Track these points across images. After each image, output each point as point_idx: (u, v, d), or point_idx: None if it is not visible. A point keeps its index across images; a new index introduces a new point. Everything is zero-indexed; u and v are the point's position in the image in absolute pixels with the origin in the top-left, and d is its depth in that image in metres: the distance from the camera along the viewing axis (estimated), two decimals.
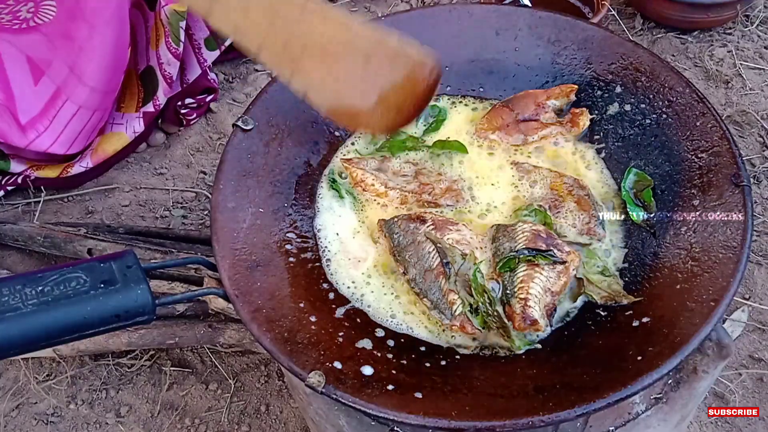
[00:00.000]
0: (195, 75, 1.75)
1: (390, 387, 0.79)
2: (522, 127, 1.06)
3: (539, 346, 0.87)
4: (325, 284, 0.94)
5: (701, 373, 0.88)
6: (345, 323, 0.89)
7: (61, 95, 1.54)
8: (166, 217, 1.66)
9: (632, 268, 0.93)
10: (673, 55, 1.89)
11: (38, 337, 0.72)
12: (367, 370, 0.81)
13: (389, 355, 0.85)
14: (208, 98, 1.82)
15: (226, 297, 0.86)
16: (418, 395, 0.78)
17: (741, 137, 1.71)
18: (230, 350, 1.43)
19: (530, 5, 1.50)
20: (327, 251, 0.97)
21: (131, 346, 1.36)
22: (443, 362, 0.85)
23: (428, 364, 0.84)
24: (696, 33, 1.93)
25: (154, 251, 1.36)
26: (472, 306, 0.88)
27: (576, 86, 1.08)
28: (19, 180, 1.65)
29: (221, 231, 0.92)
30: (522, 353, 0.86)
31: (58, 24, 1.45)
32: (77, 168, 1.66)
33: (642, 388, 0.75)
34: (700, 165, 0.95)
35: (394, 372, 0.82)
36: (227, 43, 1.76)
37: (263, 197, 0.98)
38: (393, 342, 0.88)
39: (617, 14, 1.97)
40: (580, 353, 0.84)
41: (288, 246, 0.96)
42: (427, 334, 0.90)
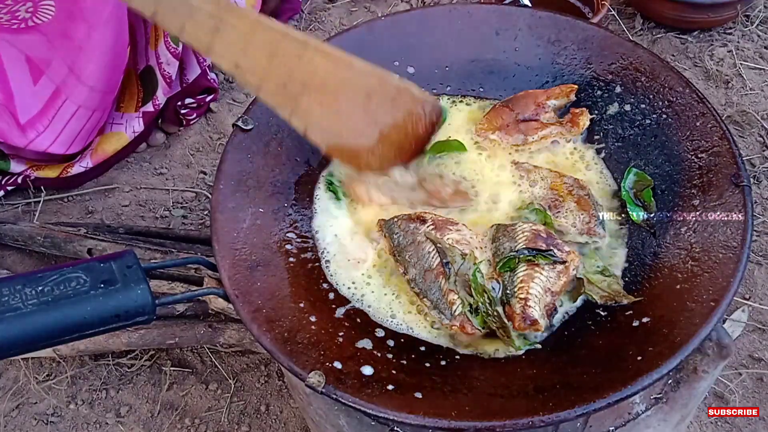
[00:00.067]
0: (194, 75, 1.75)
1: (390, 387, 0.79)
2: (522, 127, 1.06)
3: (539, 346, 0.87)
4: (325, 284, 0.94)
5: (701, 373, 0.88)
6: (345, 323, 0.89)
7: (61, 95, 1.54)
8: (166, 217, 1.66)
9: (632, 268, 0.93)
10: (673, 55, 1.89)
11: (38, 337, 0.72)
12: (367, 370, 0.81)
13: (389, 355, 0.85)
14: (208, 98, 1.82)
15: (226, 297, 0.86)
16: (418, 395, 0.78)
17: (741, 137, 1.71)
18: (230, 350, 1.43)
19: (530, 5, 1.50)
20: (326, 252, 0.97)
21: (131, 346, 1.36)
22: (443, 362, 0.85)
23: (428, 364, 0.84)
24: (696, 33, 1.93)
25: (154, 251, 1.36)
26: (472, 306, 0.88)
27: (576, 86, 1.08)
28: (19, 180, 1.65)
29: (221, 231, 0.91)
30: (522, 353, 0.86)
31: (57, 24, 1.45)
32: (77, 168, 1.66)
33: (642, 388, 0.75)
34: (700, 165, 0.95)
35: (394, 372, 0.82)
36: None
37: (263, 197, 0.98)
38: (393, 342, 0.88)
39: (617, 14, 1.97)
40: (580, 353, 0.84)
41: (288, 246, 0.96)
42: (427, 334, 0.89)
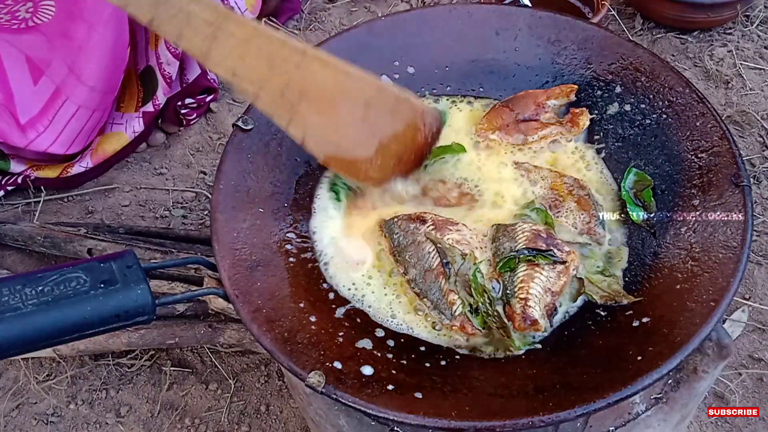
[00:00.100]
0: (194, 75, 1.75)
1: (390, 387, 0.79)
2: (522, 127, 1.06)
3: (539, 346, 0.87)
4: (325, 284, 0.94)
5: (701, 373, 0.88)
6: (345, 323, 0.89)
7: (61, 95, 1.54)
8: (166, 217, 1.66)
9: (632, 268, 0.93)
10: (673, 55, 1.89)
11: (38, 337, 0.72)
12: (367, 370, 0.81)
13: (389, 355, 0.85)
14: (208, 98, 1.82)
15: (226, 297, 0.86)
16: (418, 395, 0.78)
17: (741, 137, 1.71)
18: (230, 350, 1.43)
19: (530, 5, 1.50)
20: (324, 255, 0.97)
21: (131, 346, 1.36)
22: (443, 362, 0.85)
23: (428, 364, 0.84)
24: (696, 33, 1.93)
25: (154, 251, 1.36)
26: (472, 306, 0.88)
27: (576, 86, 1.08)
28: (19, 180, 1.65)
29: (221, 231, 0.91)
30: (522, 353, 0.86)
31: (57, 24, 1.45)
32: (77, 168, 1.66)
33: (642, 388, 0.75)
34: (700, 165, 0.95)
35: (394, 372, 0.82)
36: None
37: (263, 197, 0.98)
38: (393, 342, 0.88)
39: (617, 14, 1.97)
40: (580, 353, 0.84)
41: (288, 246, 0.96)
42: (427, 335, 0.89)
